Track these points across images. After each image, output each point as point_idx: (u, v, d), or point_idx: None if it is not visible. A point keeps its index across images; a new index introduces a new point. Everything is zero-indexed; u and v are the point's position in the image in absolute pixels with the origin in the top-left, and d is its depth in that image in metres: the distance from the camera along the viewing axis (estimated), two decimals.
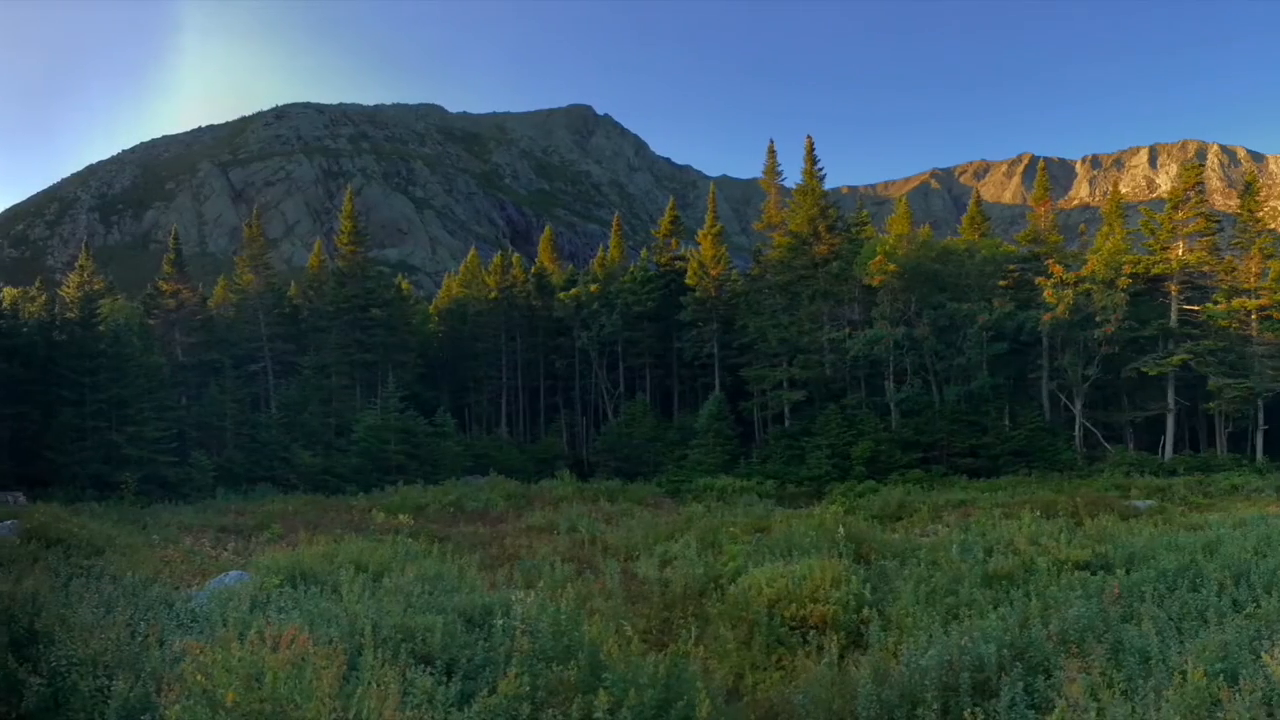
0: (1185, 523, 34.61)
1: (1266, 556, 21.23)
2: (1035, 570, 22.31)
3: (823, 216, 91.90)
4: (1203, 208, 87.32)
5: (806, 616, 18.92)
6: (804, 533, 29.96)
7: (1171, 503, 47.81)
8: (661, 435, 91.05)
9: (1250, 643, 13.14)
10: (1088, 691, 11.41)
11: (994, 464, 77.09)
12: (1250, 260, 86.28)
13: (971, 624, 16.14)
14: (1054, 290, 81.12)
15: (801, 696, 13.74)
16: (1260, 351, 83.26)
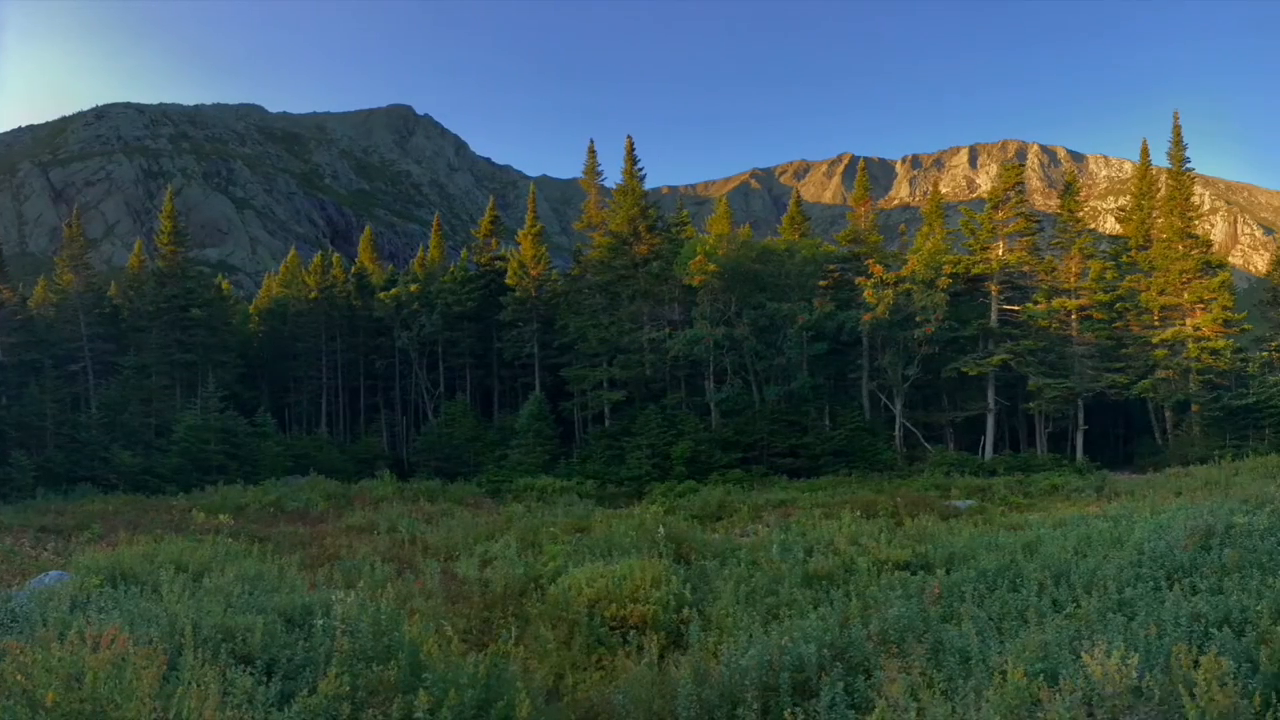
0: (1005, 523, 35.55)
1: (1086, 556, 21.91)
2: (855, 570, 22.85)
3: (643, 216, 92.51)
4: (1023, 208, 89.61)
5: (627, 616, 19.18)
6: (624, 533, 30.37)
7: (992, 503, 48.95)
8: (482, 435, 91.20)
9: (1070, 642, 13.53)
10: (908, 691, 11.71)
11: (814, 464, 78.36)
12: (1070, 260, 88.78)
13: (792, 624, 16.45)
14: (874, 290, 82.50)
15: (621, 696, 13.88)
16: (1080, 351, 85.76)
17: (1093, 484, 57.91)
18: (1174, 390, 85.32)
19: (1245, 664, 11.72)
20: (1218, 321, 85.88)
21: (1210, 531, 22.71)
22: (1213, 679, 9.90)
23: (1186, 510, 30.02)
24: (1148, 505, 36.61)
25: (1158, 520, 27.79)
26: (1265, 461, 57.60)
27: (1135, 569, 19.44)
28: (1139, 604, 16.25)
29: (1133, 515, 31.59)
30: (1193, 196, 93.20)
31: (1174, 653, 11.26)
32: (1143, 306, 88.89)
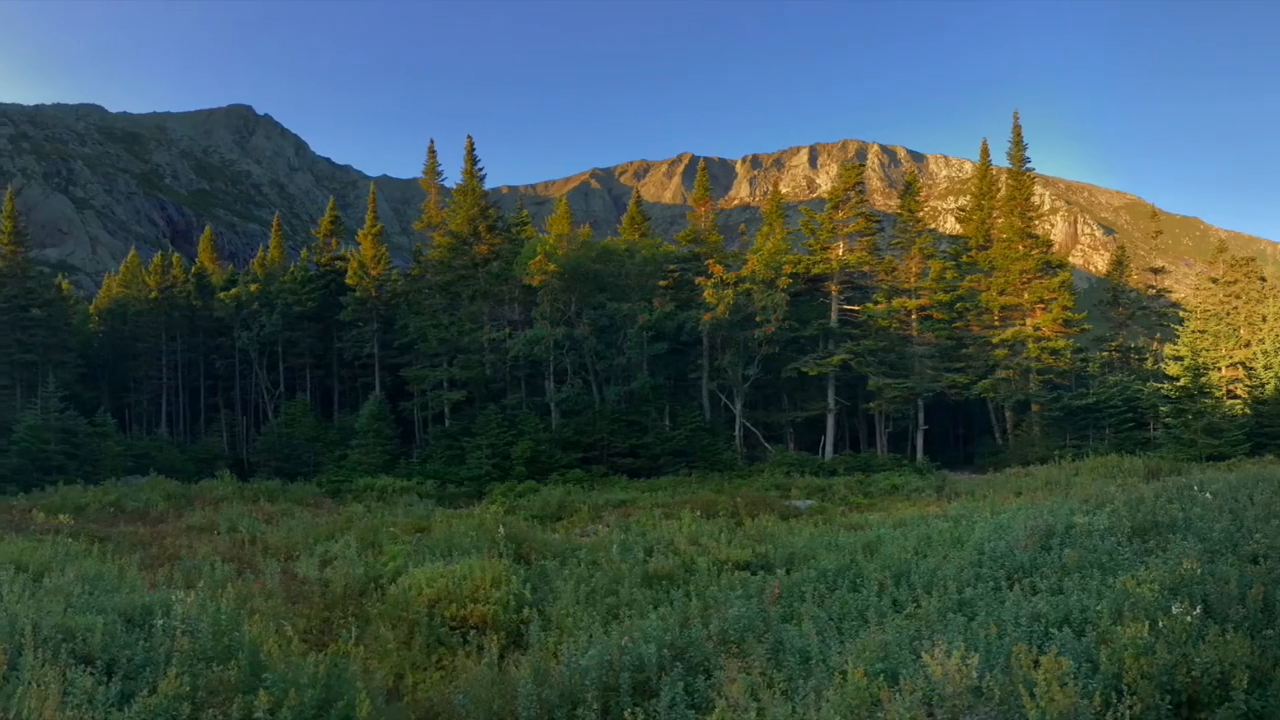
0: (846, 523, 35.91)
1: (926, 557, 22.20)
2: (696, 570, 23.00)
3: (483, 216, 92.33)
4: (863, 208, 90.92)
5: (467, 616, 19.06)
6: (464, 533, 30.24)
7: (832, 503, 49.53)
8: (322, 435, 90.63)
9: (910, 642, 13.61)
10: (748, 691, 11.73)
11: (655, 464, 78.84)
12: (910, 260, 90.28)
13: (632, 624, 16.46)
14: (714, 290, 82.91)
15: (462, 697, 13.76)
16: (920, 351, 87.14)
17: (933, 484, 58.81)
18: (1014, 390, 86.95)
19: (1085, 664, 11.90)
20: (1058, 321, 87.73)
21: (1050, 531, 23.09)
22: (1053, 679, 10.00)
23: (1027, 510, 30.51)
24: (988, 505, 37.19)
25: (998, 520, 28.20)
26: (1105, 461, 58.90)
27: (975, 569, 19.71)
28: (979, 604, 16.46)
29: (973, 515, 32.03)
30: (1033, 196, 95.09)
31: (1014, 653, 11.39)
32: (983, 306, 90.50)
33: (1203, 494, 30.56)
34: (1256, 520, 24.60)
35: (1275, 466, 47.83)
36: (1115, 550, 20.62)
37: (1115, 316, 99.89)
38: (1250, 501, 28.26)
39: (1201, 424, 69.55)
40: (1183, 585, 15.72)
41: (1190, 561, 17.05)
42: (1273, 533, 22.13)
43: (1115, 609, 14.41)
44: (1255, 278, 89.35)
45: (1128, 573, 17.25)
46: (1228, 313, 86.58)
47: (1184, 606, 13.56)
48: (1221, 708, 11.35)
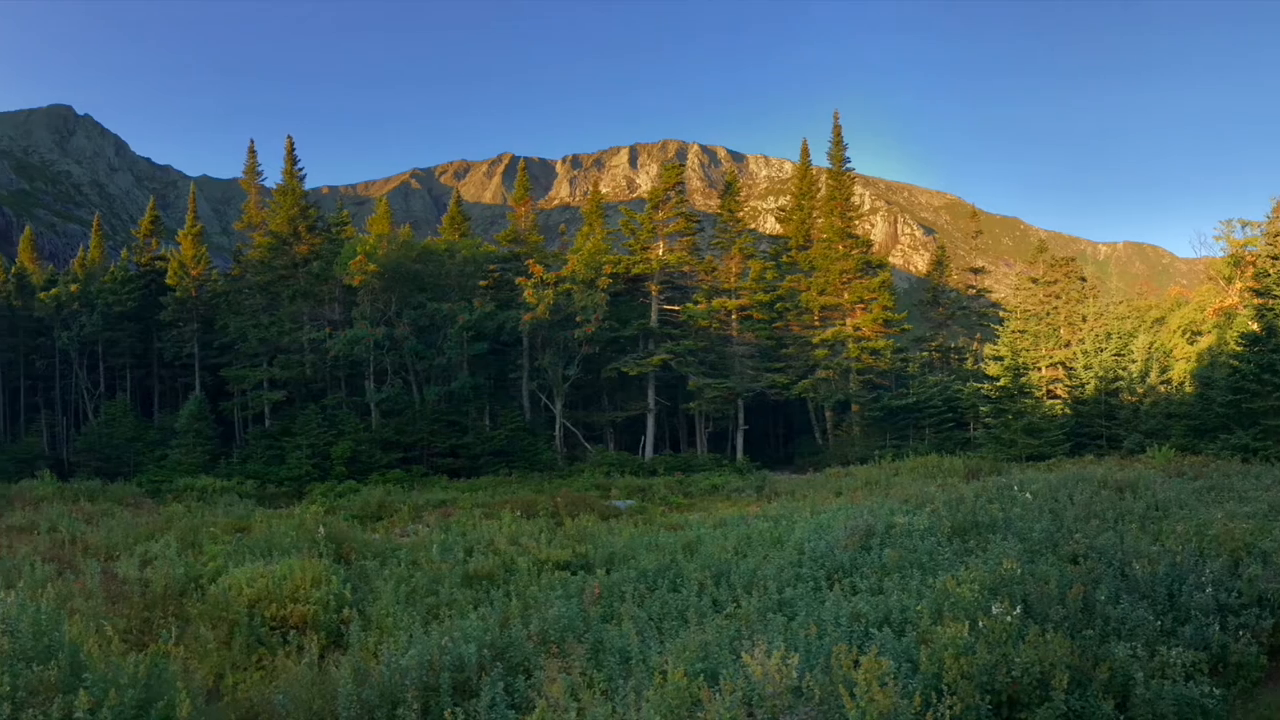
0: (666, 523, 36.10)
1: (747, 556, 22.32)
2: (516, 570, 22.86)
3: (303, 216, 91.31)
4: (683, 208, 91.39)
5: (287, 616, 18.82)
6: (285, 532, 29.84)
7: (652, 503, 49.72)
8: (142, 435, 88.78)
9: (731, 642, 13.65)
10: (568, 691, 11.62)
11: (475, 464, 78.69)
12: (730, 260, 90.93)
13: (452, 624, 16.33)
14: (534, 290, 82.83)
15: (282, 696, 13.51)
16: (740, 351, 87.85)
17: (753, 484, 59.25)
18: (835, 390, 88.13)
19: (905, 664, 11.99)
20: (878, 321, 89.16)
21: (870, 531, 23.33)
22: (873, 679, 10.02)
23: (847, 510, 30.83)
24: (808, 505, 37.60)
25: (818, 520, 28.46)
26: (925, 461, 59.88)
27: (796, 569, 19.84)
28: (799, 604, 16.58)
29: (793, 515, 32.32)
30: (853, 196, 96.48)
31: (835, 653, 11.41)
32: (803, 306, 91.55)
33: (1023, 494, 31.15)
34: (1076, 520, 25.15)
35: (1095, 466, 49.09)
36: (935, 550, 20.90)
37: (935, 316, 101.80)
38: (1070, 501, 28.90)
39: (1022, 424, 71.01)
40: (1003, 585, 15.94)
41: (1010, 561, 17.31)
42: (1092, 532, 22.62)
43: (935, 609, 14.57)
44: (1075, 278, 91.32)
45: (948, 573, 17.47)
46: (1048, 313, 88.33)
47: (1004, 606, 13.72)
48: (1041, 708, 11.49)
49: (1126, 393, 78.07)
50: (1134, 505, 28.23)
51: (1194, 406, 67.29)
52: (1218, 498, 32.20)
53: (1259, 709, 14.84)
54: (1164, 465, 50.13)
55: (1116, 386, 78.67)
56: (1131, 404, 77.24)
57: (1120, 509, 27.41)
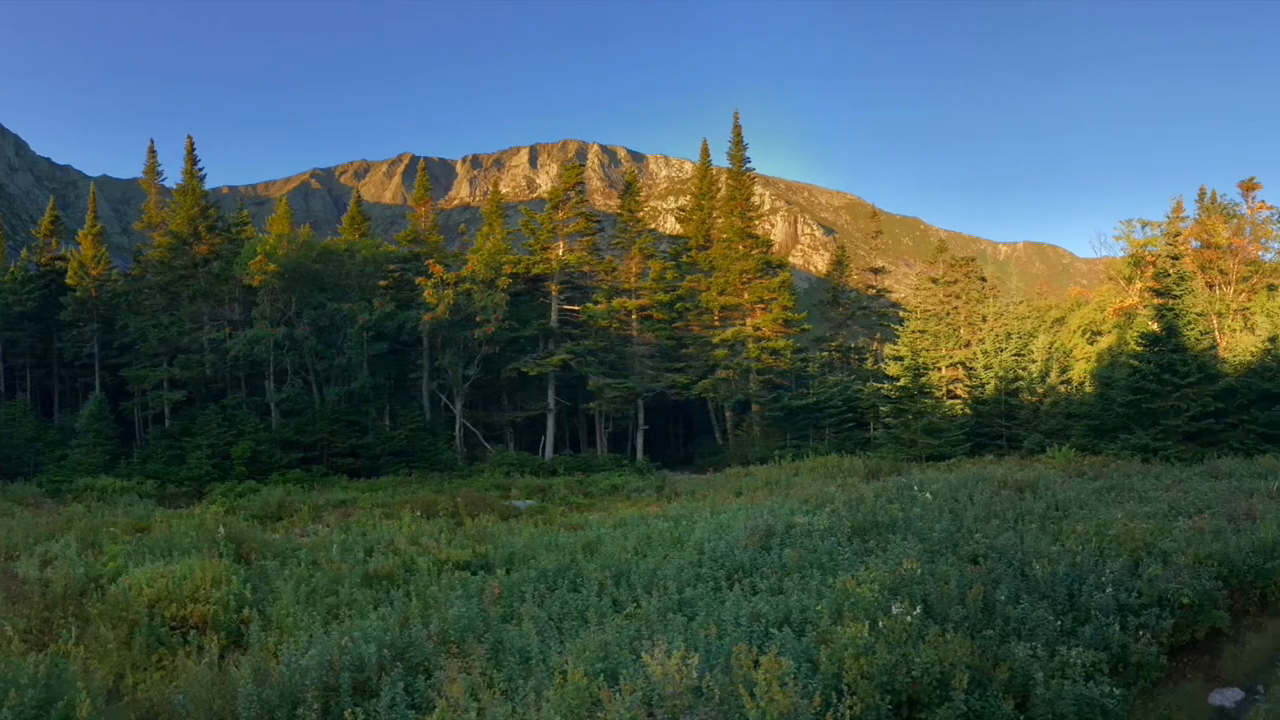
0: (566, 523, 36.15)
1: (647, 556, 22.38)
2: (416, 570, 22.80)
3: (203, 216, 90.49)
4: (583, 208, 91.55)
5: (188, 616, 18.74)
6: (185, 532, 29.68)
7: (552, 503, 49.82)
8: (42, 435, 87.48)
9: (631, 642, 13.69)
10: (468, 691, 11.61)
11: (375, 464, 78.40)
12: (630, 260, 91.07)
13: (352, 624, 16.35)
14: (434, 290, 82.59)
15: (182, 696, 13.40)
16: (640, 351, 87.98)
17: (653, 484, 59.42)
18: (735, 390, 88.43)
19: (805, 664, 12.05)
20: (778, 321, 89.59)
21: (771, 531, 23.41)
22: (773, 679, 10.05)
23: (747, 510, 30.92)
24: (708, 505, 37.71)
25: (718, 520, 28.54)
26: (825, 461, 60.27)
27: (696, 569, 19.91)
28: (699, 604, 16.65)
29: (693, 515, 32.41)
30: (753, 196, 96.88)
31: (735, 653, 11.45)
32: (703, 306, 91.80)
33: (923, 494, 31.38)
34: (976, 520, 25.38)
35: (995, 466, 49.64)
36: (835, 550, 21.02)
37: (835, 316, 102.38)
38: (970, 501, 29.15)
39: (922, 424, 71.50)
40: (903, 585, 16.07)
41: (910, 562, 17.44)
42: (992, 532, 22.85)
43: (835, 609, 14.67)
44: (975, 278, 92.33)
45: (848, 573, 17.59)
46: (948, 313, 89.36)
47: (904, 606, 13.82)
48: (941, 708, 11.57)
49: (1026, 393, 79.02)
50: (1034, 505, 28.57)
51: (1094, 406, 68.12)
52: (1118, 498, 32.67)
53: (1159, 709, 15.04)
54: (1064, 465, 50.81)
55: (1016, 386, 79.62)
56: (1032, 404, 78.16)
57: (1020, 509, 27.72)
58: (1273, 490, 31.20)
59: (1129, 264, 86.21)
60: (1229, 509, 26.40)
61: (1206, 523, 24.20)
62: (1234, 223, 78.14)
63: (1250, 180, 76.24)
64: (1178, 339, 60.96)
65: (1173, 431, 59.13)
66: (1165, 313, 62.10)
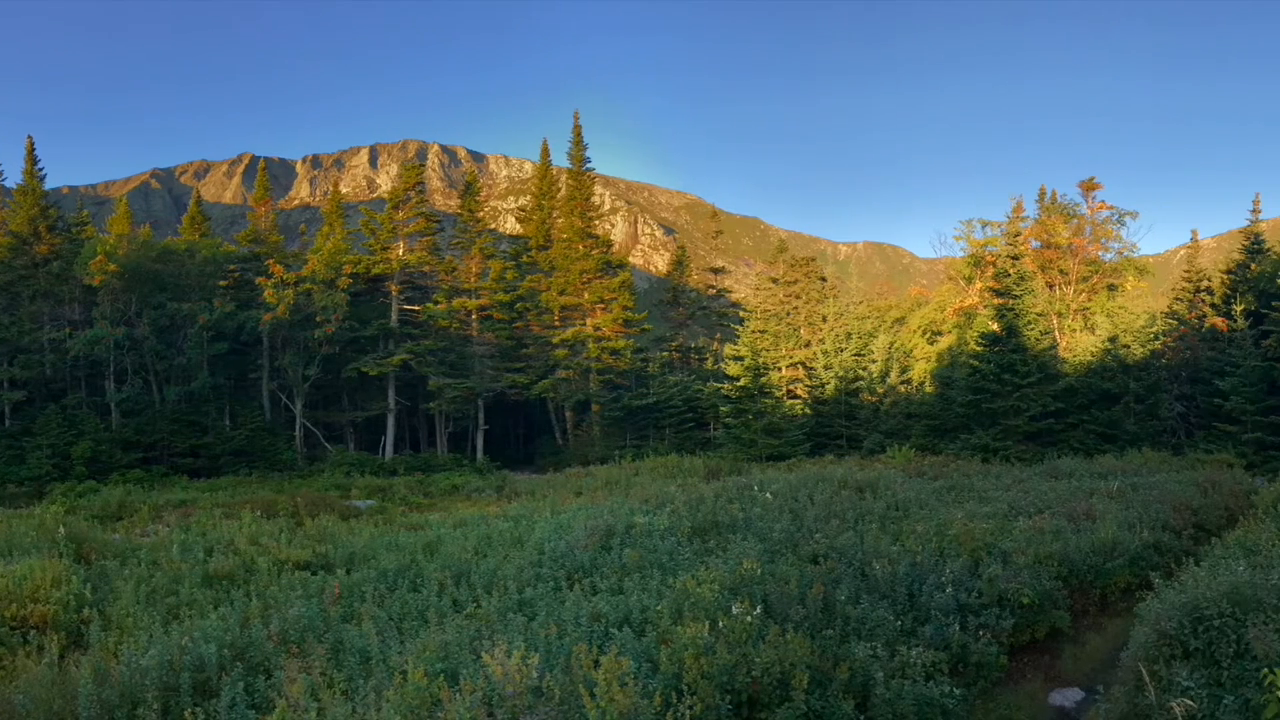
0: (406, 523, 36.00)
1: (487, 556, 22.39)
2: (256, 570, 22.66)
3: (44, 216, 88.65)
4: (423, 208, 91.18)
5: (27, 616, 18.53)
6: (24, 533, 29.24)
7: (392, 502, 49.51)
8: None
9: (471, 642, 13.70)
10: (308, 691, 11.55)
11: (215, 464, 77.56)
12: (471, 260, 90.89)
13: (192, 624, 16.21)
14: (274, 290, 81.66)
15: (22, 697, 13.19)
16: (480, 351, 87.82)
17: (493, 484, 59.29)
18: (575, 390, 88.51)
19: (646, 664, 12.14)
20: (618, 321, 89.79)
21: (611, 531, 23.49)
22: (613, 679, 10.10)
23: (587, 510, 31.01)
24: (549, 505, 37.79)
25: (558, 520, 28.61)
26: (665, 461, 60.45)
27: (536, 569, 19.98)
28: (540, 604, 16.70)
29: (533, 515, 32.49)
30: (593, 196, 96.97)
31: (575, 653, 11.54)
32: (543, 306, 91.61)
33: (763, 494, 31.60)
34: (817, 520, 25.65)
35: (835, 466, 50.13)
36: (676, 550, 21.16)
37: (676, 316, 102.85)
38: (810, 501, 29.42)
39: (762, 424, 71.89)
40: (743, 585, 16.20)
41: (750, 562, 17.58)
42: (833, 532, 23.11)
43: (676, 609, 14.76)
44: (815, 278, 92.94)
45: (688, 573, 17.69)
46: (788, 313, 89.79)
47: (744, 606, 13.95)
48: (782, 708, 11.71)
49: (867, 393, 79.87)
50: (874, 505, 28.95)
51: (934, 406, 69.28)
52: (958, 498, 33.22)
53: (999, 709, 15.37)
54: (904, 465, 51.52)
55: (857, 386, 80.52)
56: (872, 404, 78.99)
57: (861, 509, 28.07)
58: (1112, 490, 31.89)
59: (969, 264, 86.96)
60: (1069, 509, 27.00)
61: (1046, 523, 24.76)
62: (1074, 223, 79.12)
63: (1090, 180, 77.37)
64: (1018, 339, 62.15)
65: (1013, 431, 60.14)
66: (1005, 313, 63.22)
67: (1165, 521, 25.72)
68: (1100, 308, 73.65)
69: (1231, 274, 69.96)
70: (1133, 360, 65.36)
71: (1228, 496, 30.29)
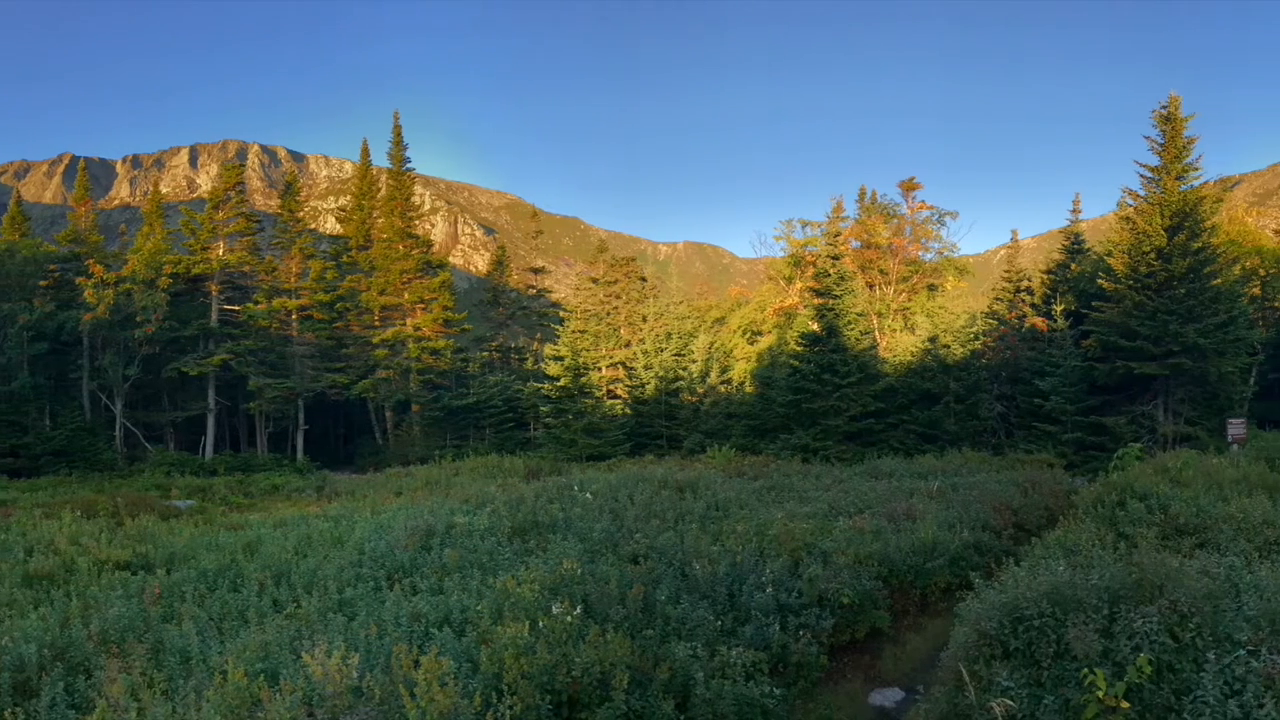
0: (226, 523, 35.46)
1: (307, 556, 22.18)
2: (76, 570, 22.27)
3: None
4: (244, 208, 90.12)
5: None
6: None
7: (213, 503, 48.71)
8: None
9: (291, 642, 13.61)
10: (129, 691, 11.40)
11: (35, 464, 75.74)
12: (291, 260, 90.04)
13: (12, 624, 15.95)
14: (95, 290, 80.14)
15: None
16: (301, 351, 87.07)
17: (314, 484, 58.69)
18: (395, 390, 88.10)
19: (466, 664, 12.14)
20: (438, 321, 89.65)
21: (431, 531, 23.43)
22: (433, 679, 10.11)
23: (408, 510, 30.86)
24: (369, 505, 37.56)
25: (379, 520, 28.47)
26: (486, 461, 60.33)
27: (356, 569, 19.87)
28: (360, 604, 16.62)
29: (354, 515, 32.25)
30: (413, 196, 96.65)
31: (395, 653, 11.50)
32: (364, 306, 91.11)
33: (583, 494, 31.64)
34: (637, 520, 25.73)
35: (656, 466, 50.29)
36: (496, 550, 21.16)
37: (496, 316, 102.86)
38: (631, 501, 29.49)
39: (582, 424, 72.12)
40: (563, 585, 16.24)
41: (571, 562, 17.63)
42: (653, 532, 23.22)
43: (496, 609, 14.77)
44: (636, 278, 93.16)
45: (509, 573, 17.72)
46: (608, 313, 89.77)
47: (564, 606, 14.00)
48: (602, 708, 11.77)
49: (687, 393, 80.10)
50: (695, 505, 29.08)
51: (754, 406, 69.53)
52: (778, 498, 33.49)
53: (819, 709, 15.55)
54: (725, 465, 51.77)
55: (677, 386, 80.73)
56: (692, 404, 79.22)
57: (681, 509, 28.19)
58: (933, 490, 32.37)
59: (789, 264, 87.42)
60: (890, 509, 27.27)
61: (867, 523, 25.03)
62: (894, 223, 79.85)
63: (910, 180, 78.28)
64: (838, 339, 62.76)
65: (833, 431, 60.72)
66: (825, 312, 63.77)
67: (986, 521, 26.19)
68: (920, 307, 74.58)
69: (1052, 274, 70.99)
70: (953, 360, 65.96)
71: (1048, 496, 30.80)
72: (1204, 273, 53.88)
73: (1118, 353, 55.65)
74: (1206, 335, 52.20)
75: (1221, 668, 10.50)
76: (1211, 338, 52.37)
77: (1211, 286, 53.90)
